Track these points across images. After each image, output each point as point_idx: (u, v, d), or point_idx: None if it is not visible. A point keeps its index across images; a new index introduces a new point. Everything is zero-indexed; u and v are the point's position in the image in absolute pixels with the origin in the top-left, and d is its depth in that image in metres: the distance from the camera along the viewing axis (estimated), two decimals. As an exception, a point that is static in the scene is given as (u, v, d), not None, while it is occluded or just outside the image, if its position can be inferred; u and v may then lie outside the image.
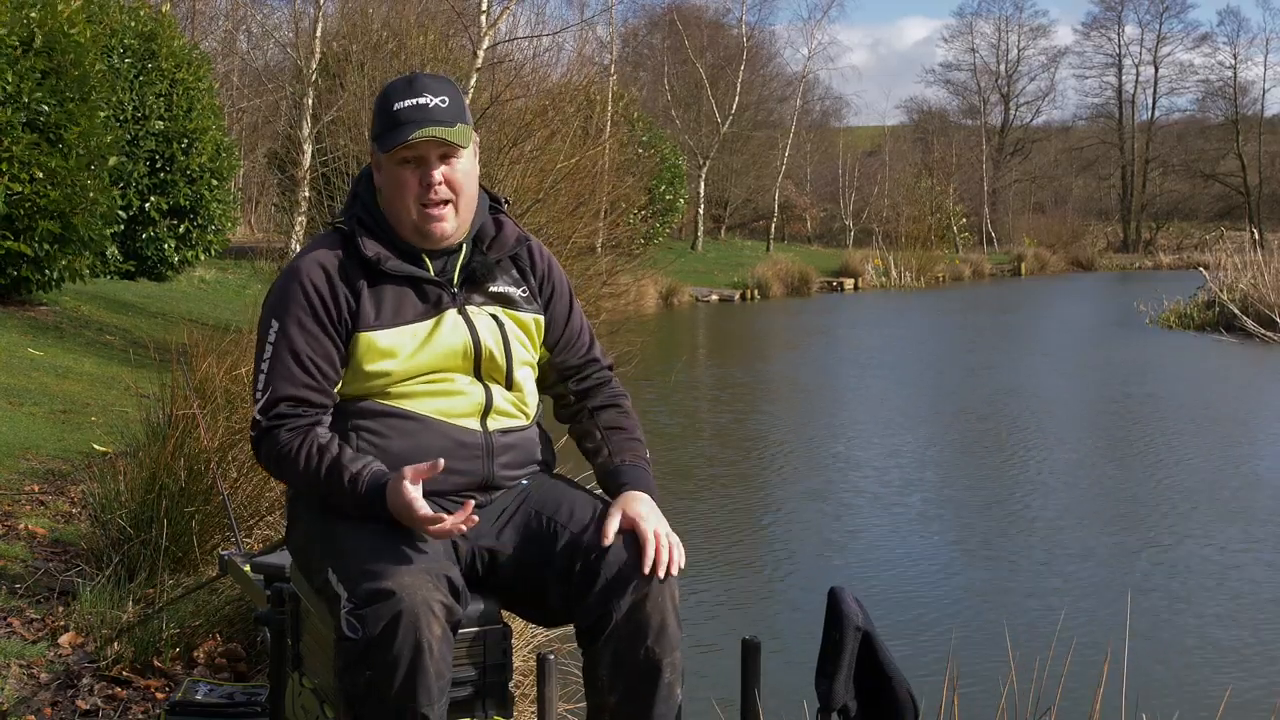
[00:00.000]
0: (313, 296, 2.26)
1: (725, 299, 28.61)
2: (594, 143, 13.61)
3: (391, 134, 2.26)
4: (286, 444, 2.23)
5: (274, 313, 2.29)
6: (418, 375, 2.28)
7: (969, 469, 9.37)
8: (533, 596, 2.29)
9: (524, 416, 2.39)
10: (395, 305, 2.29)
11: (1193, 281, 22.65)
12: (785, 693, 2.34)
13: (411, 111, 2.26)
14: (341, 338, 2.27)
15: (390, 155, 2.28)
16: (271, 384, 2.25)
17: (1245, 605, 5.80)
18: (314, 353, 2.25)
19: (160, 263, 14.67)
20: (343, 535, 2.18)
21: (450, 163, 2.29)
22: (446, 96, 2.29)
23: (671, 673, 2.20)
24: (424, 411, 2.28)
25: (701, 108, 40.14)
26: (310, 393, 2.25)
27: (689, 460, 9.25)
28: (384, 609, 1.99)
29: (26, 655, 3.56)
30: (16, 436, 6.28)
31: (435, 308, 2.31)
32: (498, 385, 2.34)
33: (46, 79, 9.88)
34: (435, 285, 2.32)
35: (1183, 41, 64.98)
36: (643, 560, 2.16)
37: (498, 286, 2.38)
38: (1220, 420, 11.52)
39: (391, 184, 2.31)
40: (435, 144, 2.26)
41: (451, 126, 2.26)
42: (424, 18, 16.06)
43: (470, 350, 2.31)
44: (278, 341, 2.26)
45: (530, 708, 3.17)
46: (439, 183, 2.28)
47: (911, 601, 5.81)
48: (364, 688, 2.03)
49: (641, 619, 2.16)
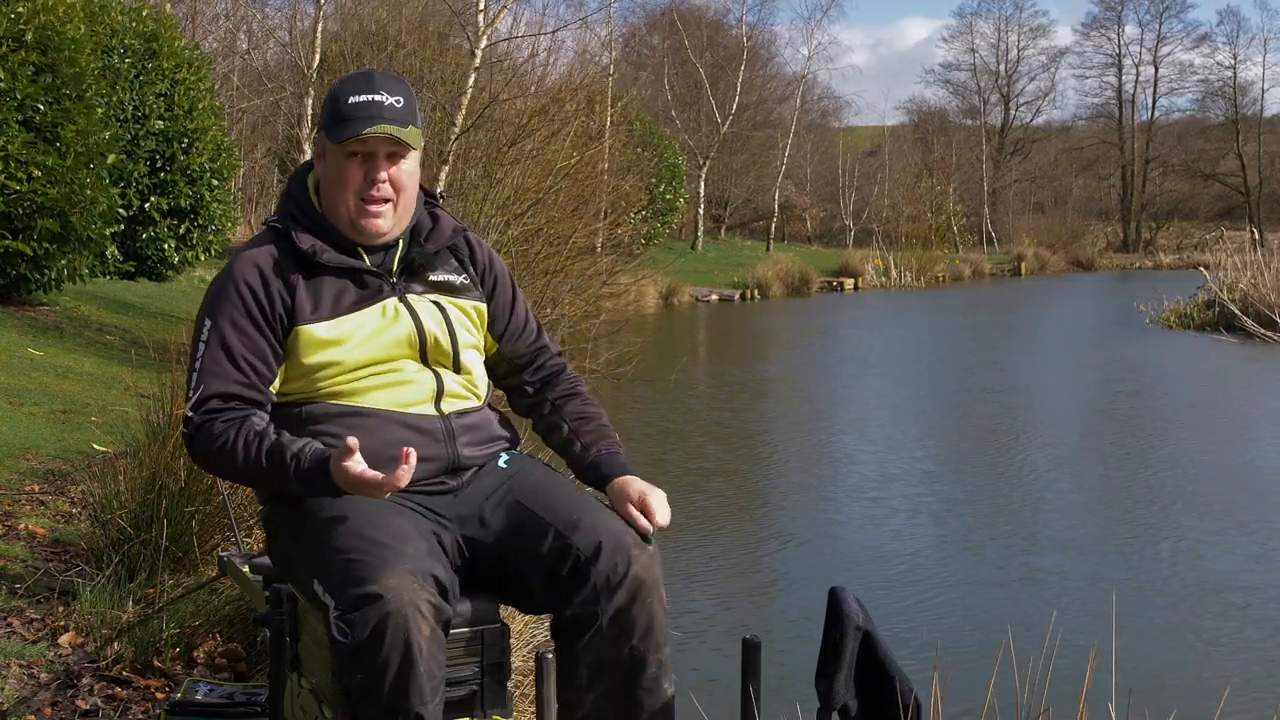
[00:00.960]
0: (245, 294, 2.27)
1: (725, 299, 28.61)
2: (594, 143, 13.60)
3: (343, 126, 2.27)
4: (222, 434, 2.22)
5: (208, 312, 2.30)
6: (364, 366, 2.28)
7: (969, 468, 9.37)
8: (516, 587, 2.28)
9: (475, 398, 2.39)
10: (334, 296, 2.29)
11: (1193, 281, 22.63)
12: (785, 693, 2.33)
13: (366, 107, 2.26)
14: (277, 334, 2.27)
15: (339, 146, 2.28)
16: (203, 381, 2.25)
17: (1248, 605, 5.80)
18: (246, 350, 2.25)
19: (160, 263, 14.66)
20: (323, 544, 2.15)
21: (397, 162, 2.30)
22: (401, 97, 2.30)
23: (658, 667, 2.19)
24: (377, 405, 2.28)
25: (701, 108, 40.14)
26: (242, 389, 2.25)
27: (689, 459, 9.25)
28: (371, 612, 1.99)
29: (26, 655, 3.55)
30: (16, 436, 6.27)
31: (375, 296, 2.31)
32: (446, 370, 2.35)
33: (40, 75, 9.83)
34: (374, 275, 2.32)
35: (1182, 41, 64.94)
36: (659, 523, 2.25)
37: (437, 275, 2.39)
38: (1220, 420, 11.52)
39: (334, 176, 2.31)
40: (386, 141, 2.27)
41: (404, 127, 2.27)
42: (423, 17, 16.07)
43: (415, 337, 2.31)
44: (209, 340, 2.26)
45: (530, 707, 3.17)
46: (383, 180, 2.29)
47: (912, 601, 5.80)
48: (358, 689, 2.03)
49: (628, 621, 2.16)
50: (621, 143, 17.02)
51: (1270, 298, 18.55)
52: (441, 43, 16.47)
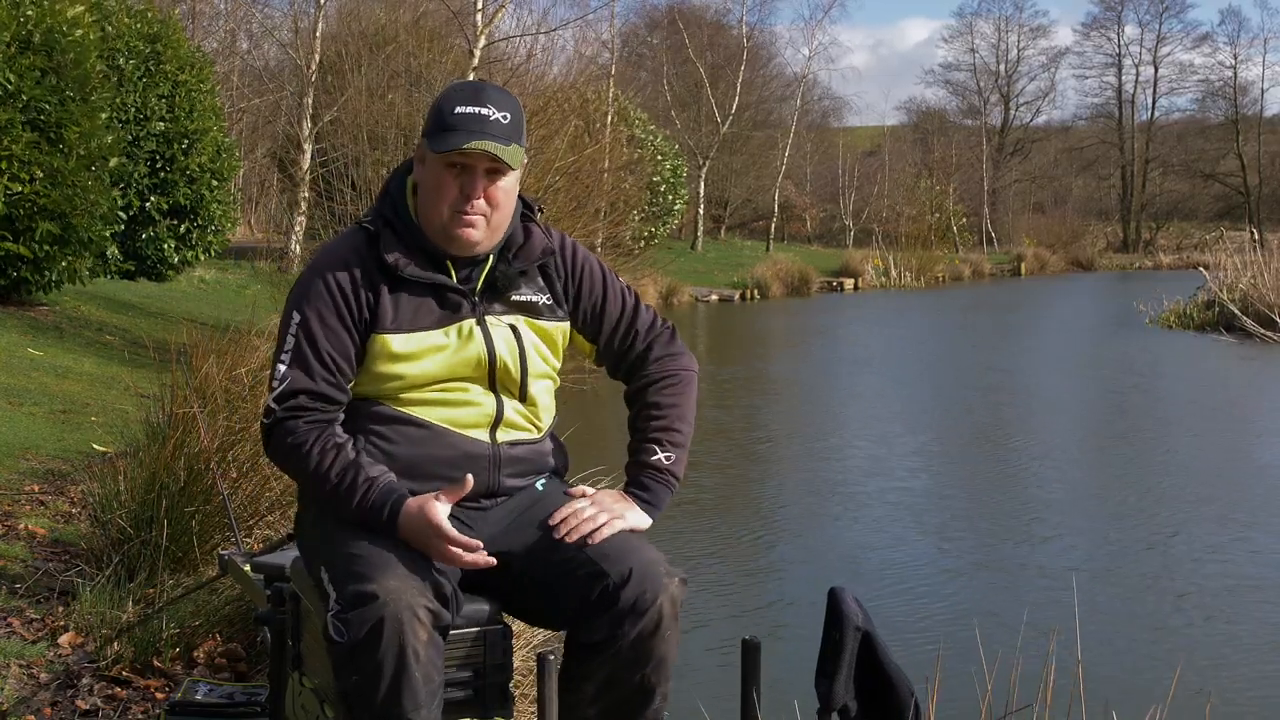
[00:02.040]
0: (335, 292, 2.25)
1: (725, 299, 28.60)
2: (593, 142, 13.60)
3: (447, 136, 2.22)
4: (302, 435, 2.21)
5: (297, 305, 2.28)
6: (430, 383, 2.27)
7: (969, 468, 9.36)
8: (536, 606, 2.28)
9: (535, 430, 2.37)
10: (414, 310, 2.27)
11: (1193, 281, 22.63)
12: (785, 693, 2.33)
13: (472, 120, 2.22)
14: (360, 337, 2.26)
15: (439, 156, 2.24)
16: (291, 375, 2.24)
17: (1251, 606, 5.79)
18: (333, 348, 2.24)
19: (160, 263, 14.66)
20: (337, 535, 2.17)
21: (496, 180, 2.26)
22: (509, 113, 2.26)
23: (661, 700, 2.21)
24: (433, 420, 2.27)
25: (701, 108, 40.14)
26: (328, 388, 2.24)
27: (688, 459, 9.24)
28: (368, 613, 1.99)
29: (26, 655, 3.55)
30: (16, 436, 6.27)
31: (454, 315, 2.29)
32: (511, 398, 2.32)
33: (46, 77, 9.85)
34: (456, 293, 2.29)
35: (1183, 41, 65.01)
36: (564, 526, 2.23)
37: (520, 295, 2.35)
38: (1220, 419, 11.52)
39: (431, 184, 2.27)
40: (487, 158, 2.23)
41: (507, 145, 2.23)
42: (421, 17, 16.08)
43: (485, 361, 2.29)
44: (299, 334, 2.25)
45: (530, 707, 3.17)
46: (479, 197, 2.25)
47: (912, 601, 5.80)
48: (353, 691, 2.03)
49: (647, 650, 2.16)
50: (622, 143, 17.03)
51: (1270, 298, 18.55)
52: (440, 42, 16.48)
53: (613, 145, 15.81)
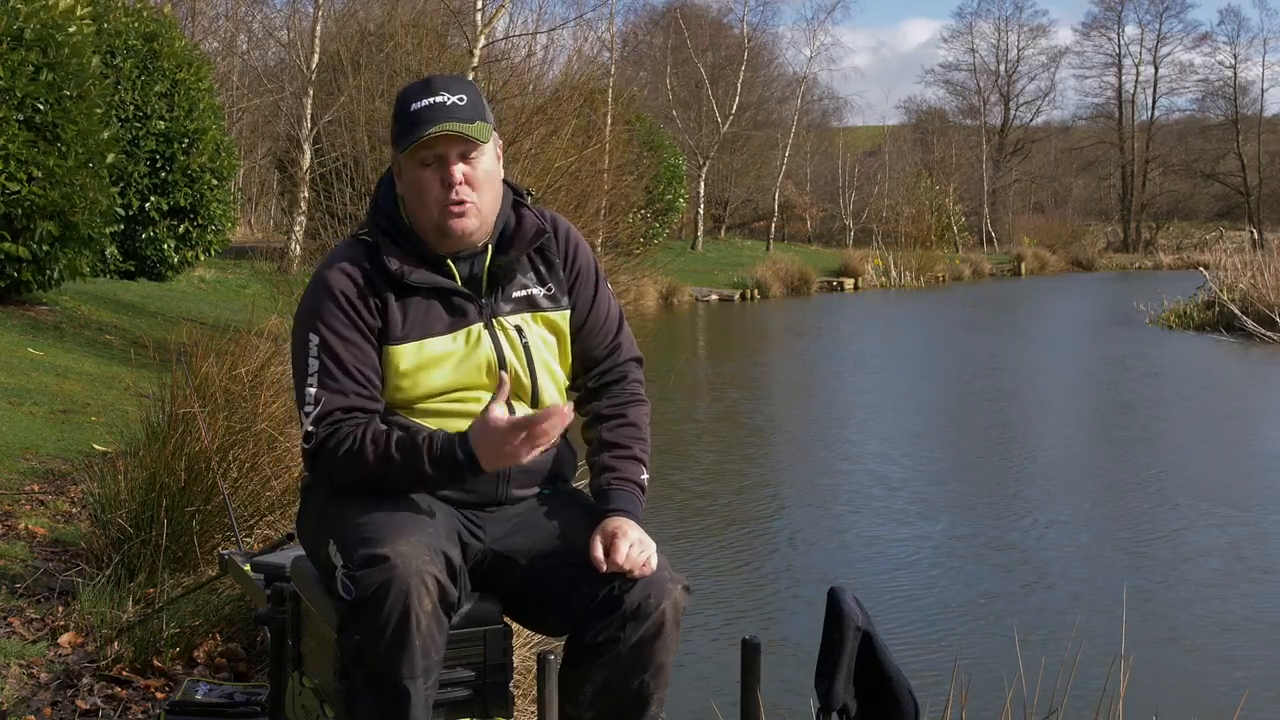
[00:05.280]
0: (345, 305, 2.23)
1: (725, 299, 28.59)
2: (594, 142, 13.60)
3: (408, 133, 2.22)
4: (348, 437, 2.18)
5: (311, 327, 2.25)
6: (442, 393, 2.26)
7: (969, 467, 9.36)
8: (538, 609, 2.28)
9: None
10: (421, 318, 2.26)
11: (1193, 281, 22.63)
12: (785, 693, 2.34)
13: (428, 111, 2.22)
14: (377, 345, 2.25)
15: (410, 156, 2.23)
16: (323, 396, 2.21)
17: (1251, 604, 5.80)
18: (357, 360, 2.22)
19: (160, 262, 14.66)
20: (349, 512, 2.17)
21: (471, 161, 2.24)
22: (464, 94, 2.25)
23: (658, 707, 2.21)
24: (444, 427, 2.24)
25: (702, 108, 40.14)
26: (362, 400, 2.22)
27: (688, 459, 9.24)
28: (377, 573, 1.99)
29: (26, 655, 3.55)
30: (16, 436, 6.27)
31: (462, 319, 2.28)
32: (523, 405, 2.30)
33: (41, 74, 9.81)
34: (462, 297, 2.28)
35: (1183, 41, 65.02)
36: (616, 561, 2.14)
37: (520, 289, 2.33)
38: (1219, 419, 11.52)
39: (412, 187, 2.26)
40: (454, 141, 2.22)
41: (470, 123, 2.22)
42: (420, 17, 16.06)
43: (494, 367, 2.27)
44: (320, 355, 2.22)
45: (530, 707, 3.17)
46: (459, 182, 2.23)
47: (912, 601, 5.80)
48: (353, 650, 2.03)
49: (647, 654, 2.16)
50: (623, 141, 17.03)
51: (1270, 298, 18.55)
52: (438, 41, 16.47)
53: (613, 145, 15.81)
